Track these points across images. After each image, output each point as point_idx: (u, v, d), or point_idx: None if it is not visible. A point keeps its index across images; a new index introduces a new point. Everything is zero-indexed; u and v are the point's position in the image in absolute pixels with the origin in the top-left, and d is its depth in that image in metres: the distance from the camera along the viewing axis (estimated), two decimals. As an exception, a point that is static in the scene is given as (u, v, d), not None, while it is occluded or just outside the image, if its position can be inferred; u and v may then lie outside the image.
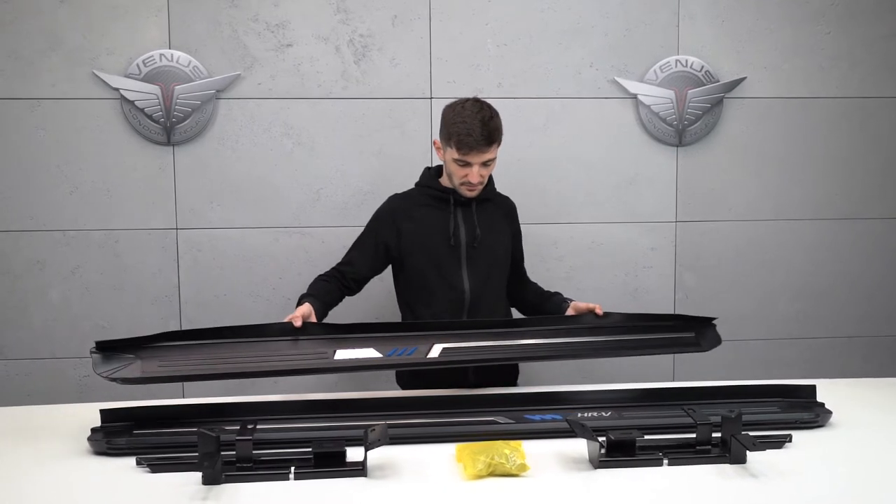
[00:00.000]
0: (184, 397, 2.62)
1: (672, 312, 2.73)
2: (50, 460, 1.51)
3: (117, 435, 1.56)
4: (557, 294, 2.15)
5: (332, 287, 2.06)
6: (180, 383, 2.64)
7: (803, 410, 1.69)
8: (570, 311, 1.99)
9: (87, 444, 1.55)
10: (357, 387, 2.68)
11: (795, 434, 1.60)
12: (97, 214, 2.57)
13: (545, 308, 2.12)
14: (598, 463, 1.44)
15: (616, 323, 1.91)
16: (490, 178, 2.13)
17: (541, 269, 2.69)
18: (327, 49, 2.58)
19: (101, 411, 1.62)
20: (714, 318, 1.94)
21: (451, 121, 1.90)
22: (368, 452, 1.44)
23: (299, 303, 1.91)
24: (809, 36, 2.72)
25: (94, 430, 1.58)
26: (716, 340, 1.92)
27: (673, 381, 2.78)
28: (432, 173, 2.10)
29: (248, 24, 2.55)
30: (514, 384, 2.17)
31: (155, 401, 1.76)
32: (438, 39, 2.61)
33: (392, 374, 2.22)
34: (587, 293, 2.70)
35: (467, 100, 1.95)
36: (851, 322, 2.85)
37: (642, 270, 2.76)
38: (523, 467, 1.41)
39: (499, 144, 1.95)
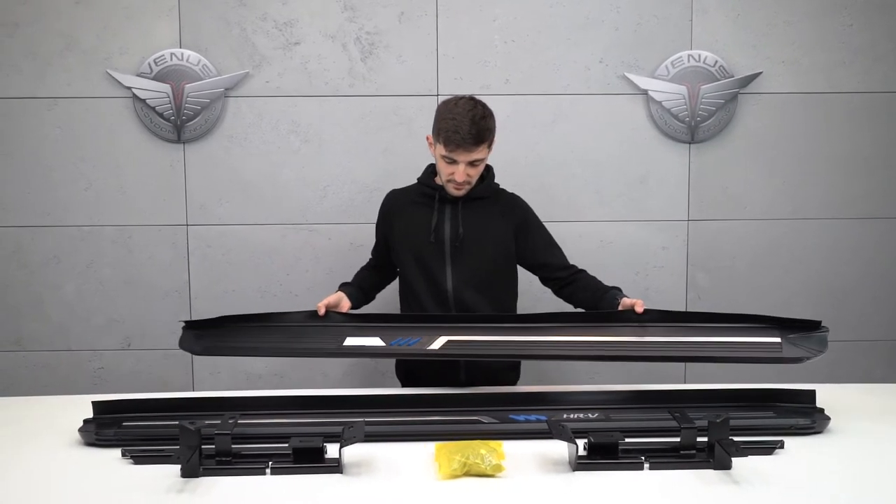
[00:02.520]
0: (193, 390, 2.68)
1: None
2: (41, 450, 1.55)
3: (107, 426, 1.59)
4: (613, 289, 1.96)
5: (368, 274, 2.19)
6: (189, 378, 2.69)
7: (799, 416, 1.63)
8: (620, 308, 1.85)
9: (77, 436, 1.59)
10: (363, 383, 2.69)
11: (790, 440, 1.55)
12: (110, 211, 2.63)
13: (600, 307, 1.95)
14: (576, 465, 1.41)
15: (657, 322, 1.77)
16: (491, 175, 2.11)
17: (549, 267, 2.66)
18: (334, 47, 2.59)
19: (93, 403, 1.65)
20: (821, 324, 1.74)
21: (442, 116, 1.89)
22: (349, 449, 1.45)
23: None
24: (830, 29, 2.62)
25: (85, 421, 1.62)
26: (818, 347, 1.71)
27: (684, 383, 2.72)
28: (430, 170, 2.09)
29: (257, 22, 2.58)
30: (514, 385, 2.14)
31: (146, 394, 1.79)
32: (445, 36, 2.60)
33: (380, 372, 2.22)
34: (596, 292, 2.67)
35: (462, 97, 1.93)
36: (874, 325, 2.75)
37: (653, 270, 2.71)
38: (498, 468, 1.39)
39: (489, 145, 1.92)
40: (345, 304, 1.94)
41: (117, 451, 1.50)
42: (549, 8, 2.60)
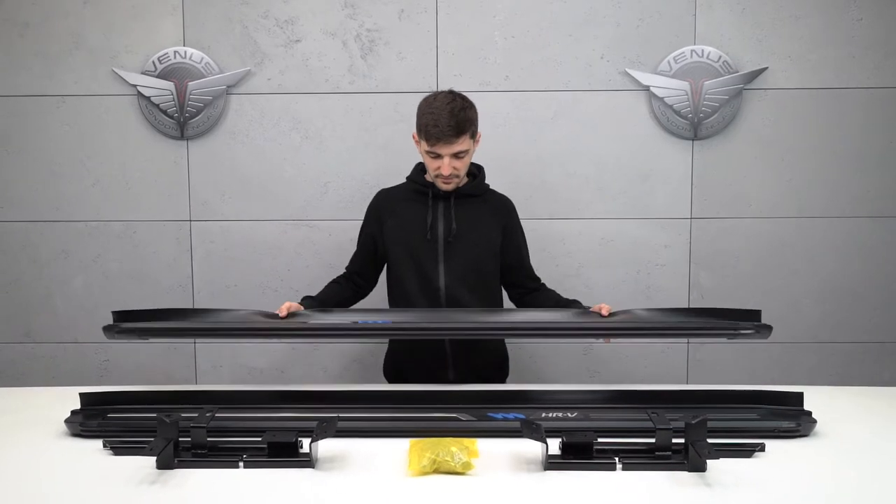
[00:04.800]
0: (196, 383, 2.72)
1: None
2: (28, 440, 1.59)
3: (92, 418, 1.63)
4: (575, 302, 2.01)
5: (340, 289, 2.13)
6: (192, 372, 2.74)
7: (784, 418, 1.60)
8: None
9: (64, 426, 1.62)
10: (363, 378, 2.70)
11: (773, 443, 1.52)
12: (117, 206, 2.68)
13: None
14: (547, 464, 1.40)
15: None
16: (481, 175, 2.10)
17: (549, 265, 2.65)
18: (335, 44, 2.61)
19: (81, 395, 1.69)
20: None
21: (422, 112, 1.89)
22: (326, 444, 1.47)
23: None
24: (839, 23, 2.56)
25: (73, 412, 1.66)
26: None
27: (687, 383, 2.68)
28: (420, 168, 2.09)
29: (259, 20, 2.60)
30: (503, 382, 2.14)
31: (135, 386, 1.83)
32: (445, 32, 2.60)
33: (380, 369, 2.22)
34: (598, 290, 2.67)
35: (441, 92, 1.93)
36: (884, 327, 2.68)
37: (655, 268, 2.67)
38: (468, 465, 1.39)
39: (472, 136, 1.92)
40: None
41: (100, 442, 1.53)
42: (549, 4, 2.58)
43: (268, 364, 2.74)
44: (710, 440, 1.41)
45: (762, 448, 1.49)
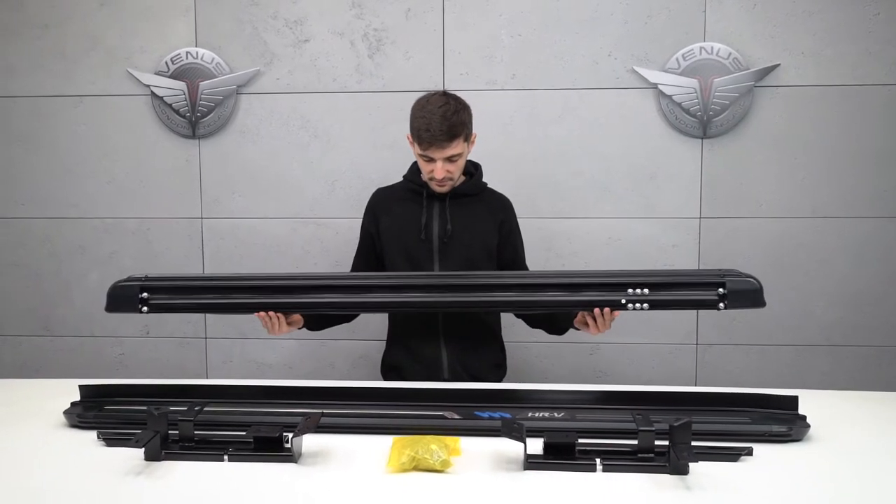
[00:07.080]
0: (207, 377, 2.77)
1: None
2: (26, 431, 1.63)
3: (90, 410, 1.67)
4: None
5: None
6: (203, 366, 2.79)
7: (776, 422, 1.57)
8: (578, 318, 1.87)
9: (63, 418, 1.67)
10: (354, 375, 2.72)
11: (763, 448, 1.49)
12: (131, 204, 2.75)
13: (556, 319, 2.01)
14: (526, 464, 1.40)
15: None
16: (479, 173, 2.10)
17: (555, 264, 2.64)
18: (342, 44, 2.63)
19: (80, 387, 1.73)
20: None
21: (415, 115, 1.89)
22: (311, 440, 1.49)
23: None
24: (855, 18, 2.49)
25: (72, 404, 1.70)
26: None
27: (695, 385, 2.64)
28: (416, 167, 2.10)
29: (268, 21, 2.64)
30: (500, 381, 2.14)
31: (133, 380, 1.87)
32: (451, 31, 2.60)
33: (377, 369, 2.23)
34: (605, 290, 2.63)
35: (434, 93, 1.93)
36: (901, 331, 2.62)
37: (663, 269, 2.64)
38: (446, 463, 1.40)
39: (465, 139, 1.91)
40: (296, 318, 1.89)
41: (95, 434, 1.57)
42: (556, 1, 2.56)
43: (276, 359, 2.78)
44: (697, 443, 1.39)
45: (749, 452, 1.46)
